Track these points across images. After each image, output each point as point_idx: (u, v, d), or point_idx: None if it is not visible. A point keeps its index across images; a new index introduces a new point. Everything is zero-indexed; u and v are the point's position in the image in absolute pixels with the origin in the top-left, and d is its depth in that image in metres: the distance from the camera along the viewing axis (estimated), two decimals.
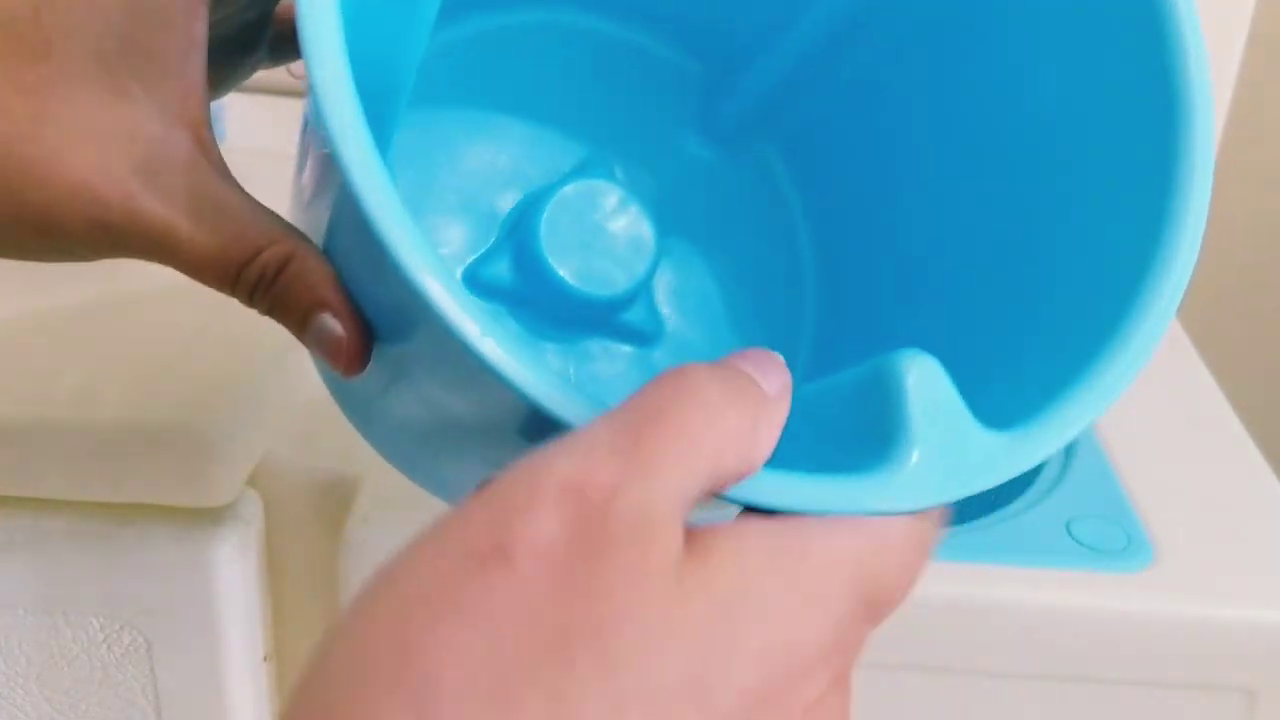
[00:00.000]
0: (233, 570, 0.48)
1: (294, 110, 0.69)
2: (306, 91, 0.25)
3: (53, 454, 0.46)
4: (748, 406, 0.21)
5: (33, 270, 0.56)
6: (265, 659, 0.52)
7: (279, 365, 0.52)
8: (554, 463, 0.19)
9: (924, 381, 0.24)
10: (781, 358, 0.24)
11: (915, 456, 0.24)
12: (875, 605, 0.22)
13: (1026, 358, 0.30)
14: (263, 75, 0.74)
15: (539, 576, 0.18)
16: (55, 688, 0.51)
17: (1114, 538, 0.49)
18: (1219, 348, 0.72)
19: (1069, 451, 0.55)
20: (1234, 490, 0.54)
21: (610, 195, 0.38)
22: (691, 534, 0.20)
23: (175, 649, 0.49)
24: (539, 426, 0.23)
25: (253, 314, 0.49)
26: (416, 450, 0.35)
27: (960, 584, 0.47)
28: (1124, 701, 0.48)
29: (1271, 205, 0.99)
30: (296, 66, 0.58)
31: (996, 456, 0.25)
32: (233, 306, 0.46)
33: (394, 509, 0.48)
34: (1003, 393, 0.27)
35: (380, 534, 0.47)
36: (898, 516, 0.23)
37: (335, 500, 0.51)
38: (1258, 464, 0.56)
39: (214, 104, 0.69)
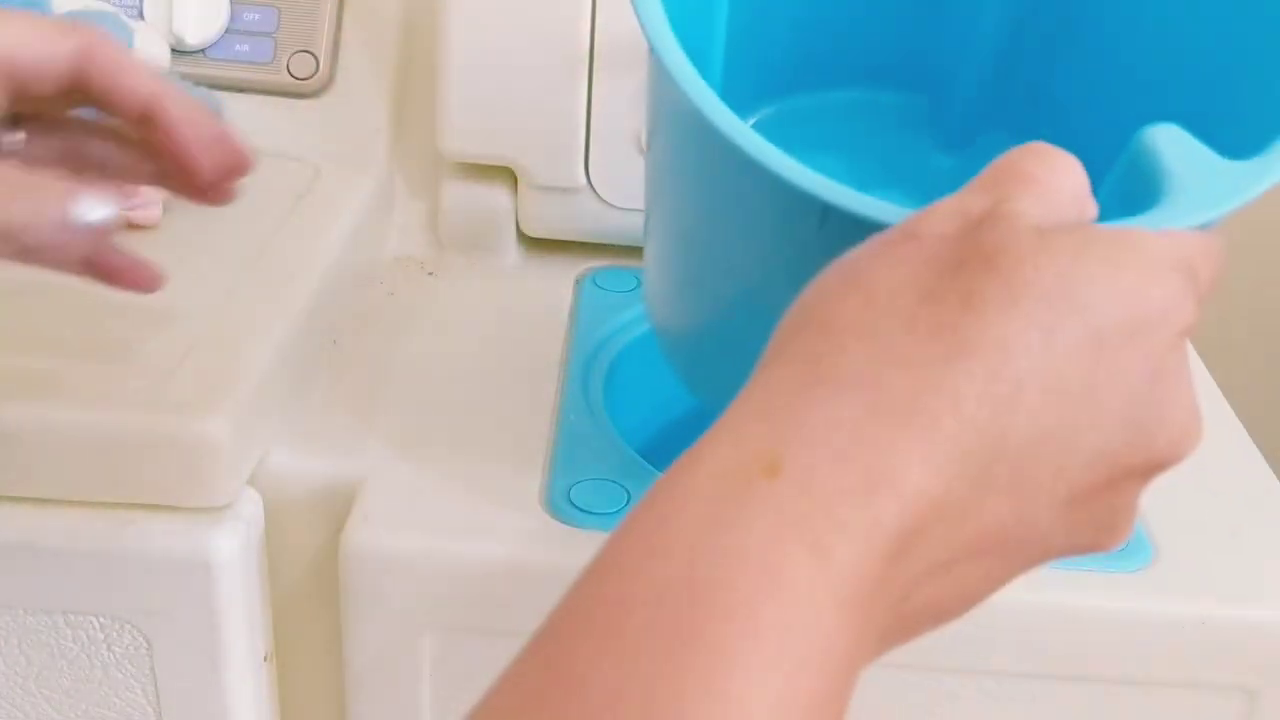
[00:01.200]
0: (233, 570, 0.48)
1: (294, 110, 0.69)
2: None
3: (53, 454, 0.46)
4: (1081, 171, 0.29)
5: (32, 269, 0.56)
6: (265, 659, 0.52)
7: (279, 365, 0.52)
8: (942, 202, 0.28)
9: (1171, 138, 0.33)
10: None
11: (1191, 186, 0.32)
12: (1196, 281, 0.28)
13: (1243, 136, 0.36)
14: (264, 75, 0.74)
15: (940, 241, 0.27)
16: (55, 688, 0.51)
17: None
18: (1219, 348, 0.72)
19: None
20: (1234, 490, 0.54)
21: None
22: (1044, 229, 0.27)
23: (175, 649, 0.49)
24: None
25: (253, 313, 0.49)
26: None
27: None
28: (1124, 701, 0.48)
29: (1271, 205, 0.99)
30: (298, 67, 0.58)
31: (1248, 176, 0.33)
32: (233, 306, 0.47)
33: (394, 509, 0.49)
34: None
35: (380, 534, 0.47)
36: (1193, 230, 0.30)
37: (335, 500, 0.51)
38: (1258, 464, 0.56)
39: (214, 103, 0.69)
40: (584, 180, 0.67)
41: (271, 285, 0.56)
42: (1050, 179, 0.28)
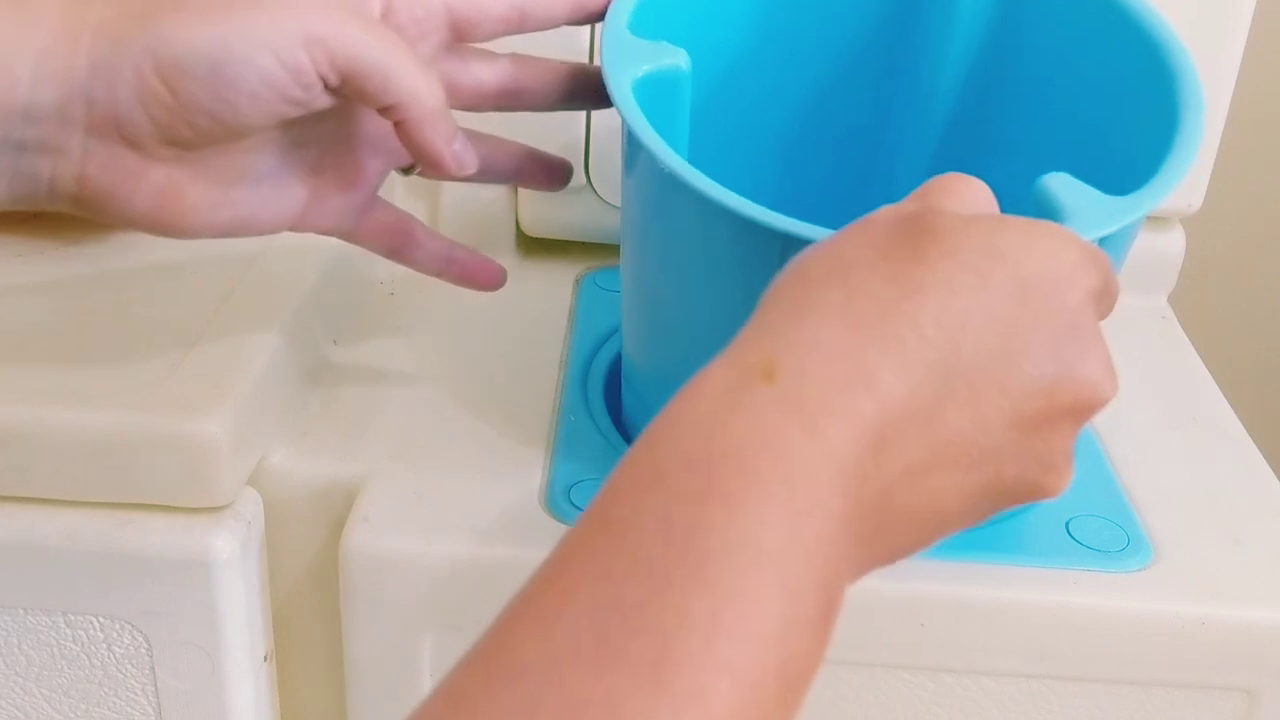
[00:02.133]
0: (233, 570, 0.48)
1: None
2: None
3: (53, 454, 0.46)
4: (992, 195, 0.35)
5: (32, 270, 0.56)
6: (265, 659, 0.52)
7: (279, 365, 0.52)
8: (881, 209, 0.34)
9: (1063, 182, 0.40)
10: None
11: (1083, 214, 0.39)
12: (1098, 266, 0.33)
13: (1120, 177, 0.43)
14: None
15: (885, 225, 0.33)
16: (55, 688, 0.51)
17: (1114, 537, 0.49)
18: (1219, 347, 0.72)
19: None
20: (1234, 490, 0.54)
21: None
22: (967, 217, 0.33)
23: (175, 649, 0.49)
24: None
25: (253, 312, 0.49)
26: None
27: (960, 583, 0.47)
28: (1124, 701, 0.48)
29: (1270, 205, 0.99)
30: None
31: (1126, 204, 0.40)
32: (233, 306, 0.46)
33: (394, 509, 0.49)
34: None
35: (380, 534, 0.47)
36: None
37: (335, 500, 0.51)
38: (1258, 464, 0.56)
39: None
40: (584, 180, 0.67)
41: (271, 285, 0.56)
42: (967, 193, 0.35)
